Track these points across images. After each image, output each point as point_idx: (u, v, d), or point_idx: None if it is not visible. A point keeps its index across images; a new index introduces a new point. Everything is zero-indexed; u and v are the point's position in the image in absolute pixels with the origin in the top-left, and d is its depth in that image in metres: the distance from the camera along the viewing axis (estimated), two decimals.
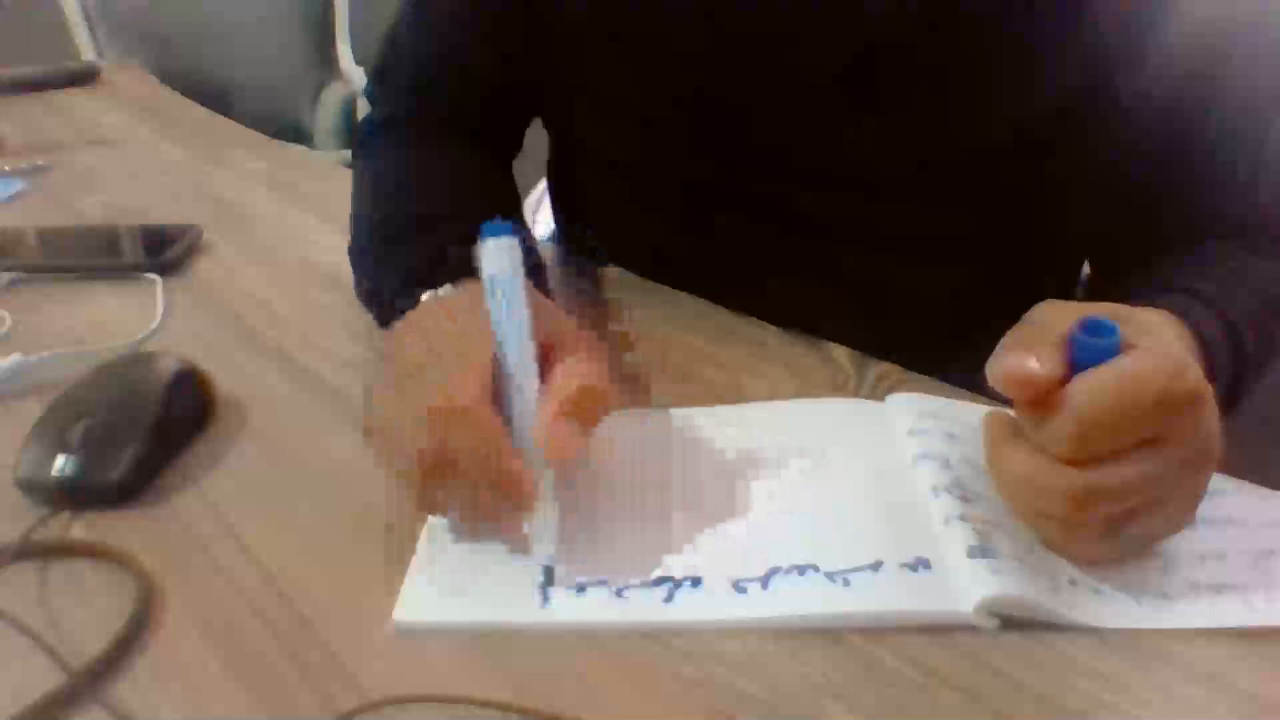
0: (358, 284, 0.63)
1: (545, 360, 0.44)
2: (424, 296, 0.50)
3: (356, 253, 0.64)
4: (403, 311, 0.50)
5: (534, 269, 0.58)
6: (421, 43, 0.70)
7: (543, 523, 0.42)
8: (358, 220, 0.65)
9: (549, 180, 0.85)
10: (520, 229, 0.64)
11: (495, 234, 0.43)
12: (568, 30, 0.66)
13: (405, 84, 0.71)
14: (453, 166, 0.67)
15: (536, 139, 0.79)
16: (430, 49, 0.70)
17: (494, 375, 0.42)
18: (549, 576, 0.41)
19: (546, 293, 0.59)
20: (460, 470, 0.41)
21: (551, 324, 0.45)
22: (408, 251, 0.58)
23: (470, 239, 0.45)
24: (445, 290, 0.50)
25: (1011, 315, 0.42)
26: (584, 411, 0.42)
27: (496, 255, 0.43)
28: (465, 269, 0.48)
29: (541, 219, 1.03)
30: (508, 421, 0.42)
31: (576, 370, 0.43)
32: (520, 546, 0.42)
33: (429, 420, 0.41)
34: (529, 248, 0.61)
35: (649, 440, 0.51)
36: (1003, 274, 0.67)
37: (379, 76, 0.73)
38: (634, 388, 0.56)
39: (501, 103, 0.71)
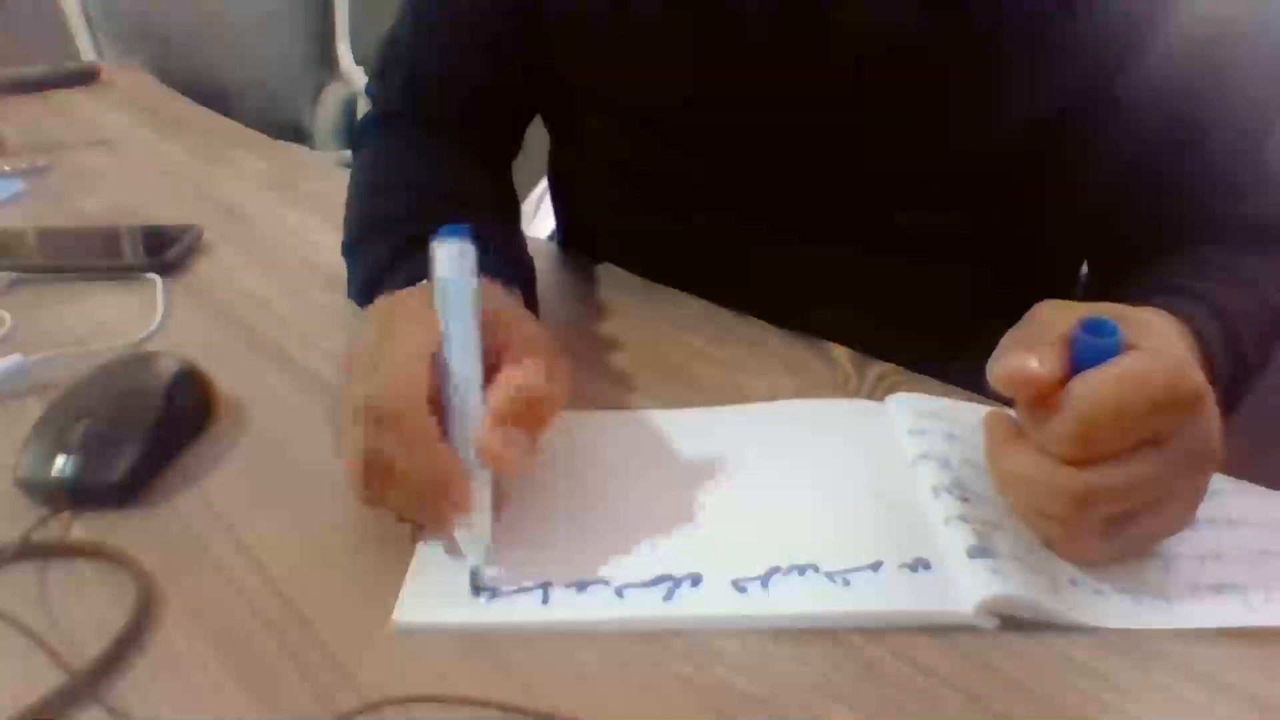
0: (347, 285, 0.64)
1: (496, 365, 0.43)
2: (380, 297, 0.49)
3: (343, 249, 0.64)
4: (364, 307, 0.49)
5: (521, 270, 0.59)
6: (420, 41, 0.70)
7: (477, 528, 0.41)
8: (344, 219, 0.66)
9: (549, 179, 0.85)
10: (508, 231, 0.65)
11: (447, 236, 0.42)
12: (565, 31, 0.66)
13: (403, 82, 0.71)
14: (438, 164, 0.67)
15: (537, 138, 0.79)
16: (428, 47, 0.70)
17: (438, 378, 0.42)
18: (474, 578, 0.41)
19: (532, 294, 0.59)
20: (396, 472, 0.41)
21: (506, 329, 0.45)
22: (376, 249, 0.58)
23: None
24: (407, 290, 0.49)
25: (1011, 315, 0.42)
26: (527, 418, 0.42)
27: (446, 258, 0.42)
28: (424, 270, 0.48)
29: (541, 218, 1.03)
30: (452, 427, 0.42)
31: (519, 377, 0.42)
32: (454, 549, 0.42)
33: (364, 420, 0.41)
34: (518, 250, 0.62)
35: (648, 440, 0.51)
36: (1002, 274, 0.67)
37: (378, 74, 0.73)
38: (632, 388, 0.56)
39: (499, 101, 0.71)
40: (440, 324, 0.42)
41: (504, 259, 0.54)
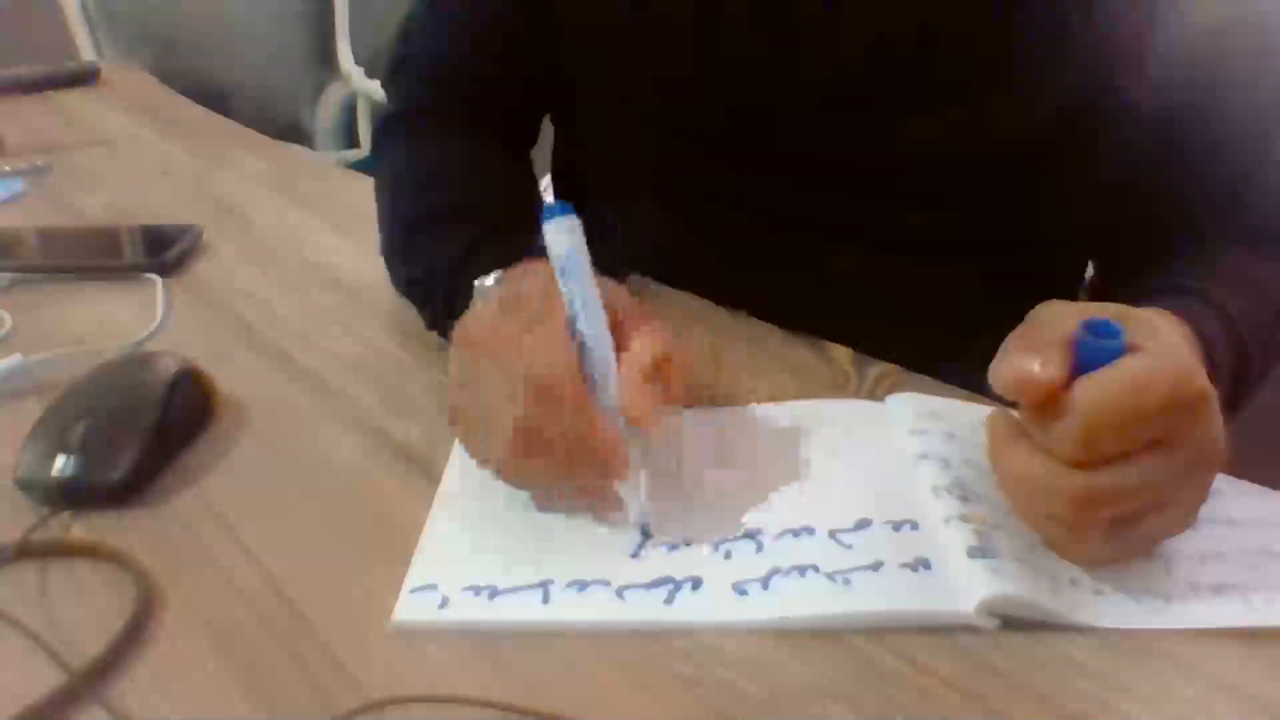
0: (396, 278, 0.64)
1: (613, 334, 0.45)
2: (486, 281, 0.50)
3: (394, 245, 0.64)
4: (452, 299, 0.51)
5: None
6: (434, 36, 0.71)
7: (633, 486, 0.43)
8: (392, 213, 0.66)
9: (553, 175, 0.85)
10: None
11: (558, 214, 0.45)
12: (574, 25, 0.66)
13: (419, 77, 0.72)
14: (476, 157, 0.68)
15: (542, 133, 0.79)
16: (443, 42, 0.71)
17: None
18: (645, 533, 0.43)
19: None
20: (553, 442, 0.42)
21: (614, 300, 0.46)
22: (449, 240, 0.58)
23: (508, 226, 0.46)
24: (497, 275, 0.51)
25: (1013, 316, 0.42)
26: (663, 381, 0.44)
27: (563, 234, 0.44)
28: (515, 254, 0.50)
29: None
30: (589, 392, 0.44)
31: (652, 343, 0.44)
32: (609, 509, 0.44)
33: (525, 395, 0.42)
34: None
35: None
36: (1005, 275, 0.66)
37: (393, 71, 0.73)
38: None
39: (514, 94, 0.72)
40: (566, 297, 0.44)
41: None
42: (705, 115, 0.65)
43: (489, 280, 0.50)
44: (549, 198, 0.88)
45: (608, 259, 0.72)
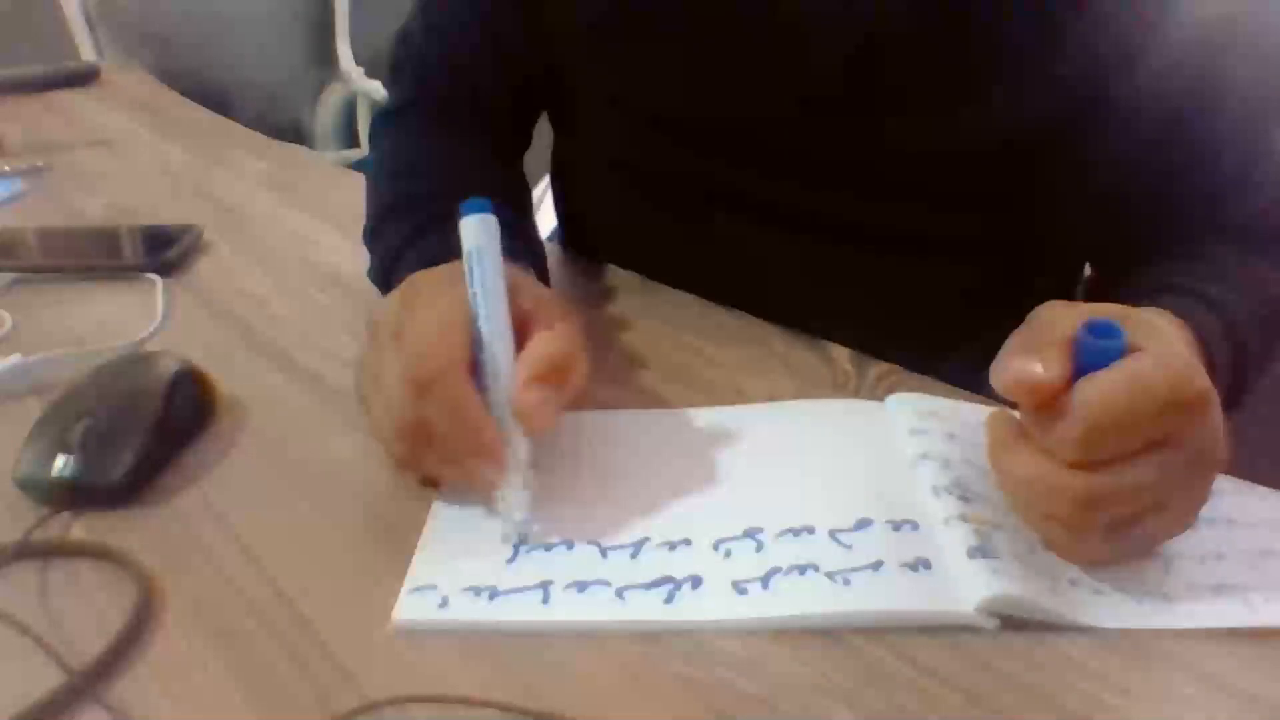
0: (369, 266, 0.65)
1: (523, 332, 0.45)
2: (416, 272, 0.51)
3: (365, 234, 0.66)
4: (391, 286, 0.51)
5: (533, 254, 0.61)
6: (430, 39, 0.72)
7: (516, 489, 0.43)
8: (366, 204, 0.67)
9: (552, 174, 0.85)
10: (519, 216, 0.66)
11: (473, 210, 0.45)
12: (566, 33, 0.66)
13: (416, 78, 0.73)
14: (451, 151, 0.70)
15: (541, 134, 0.79)
16: (439, 45, 0.72)
17: (472, 345, 0.44)
18: (522, 539, 0.43)
19: (544, 279, 0.60)
20: (437, 436, 0.42)
21: (528, 297, 0.47)
22: (397, 230, 0.60)
23: (453, 222, 0.46)
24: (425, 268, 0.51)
25: (1012, 315, 0.42)
26: (558, 380, 0.44)
27: (473, 229, 0.45)
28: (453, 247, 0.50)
29: (541, 217, 1.03)
30: (484, 390, 0.44)
31: (550, 341, 0.44)
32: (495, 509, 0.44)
33: (406, 387, 0.42)
34: (530, 234, 0.64)
35: (648, 442, 0.51)
36: (1003, 274, 0.67)
37: (393, 70, 0.75)
38: (631, 388, 0.56)
39: (506, 96, 0.72)
40: (470, 292, 0.44)
41: (517, 242, 0.55)
42: (702, 116, 0.65)
43: (424, 268, 0.51)
44: (548, 198, 0.88)
45: (603, 258, 0.72)
